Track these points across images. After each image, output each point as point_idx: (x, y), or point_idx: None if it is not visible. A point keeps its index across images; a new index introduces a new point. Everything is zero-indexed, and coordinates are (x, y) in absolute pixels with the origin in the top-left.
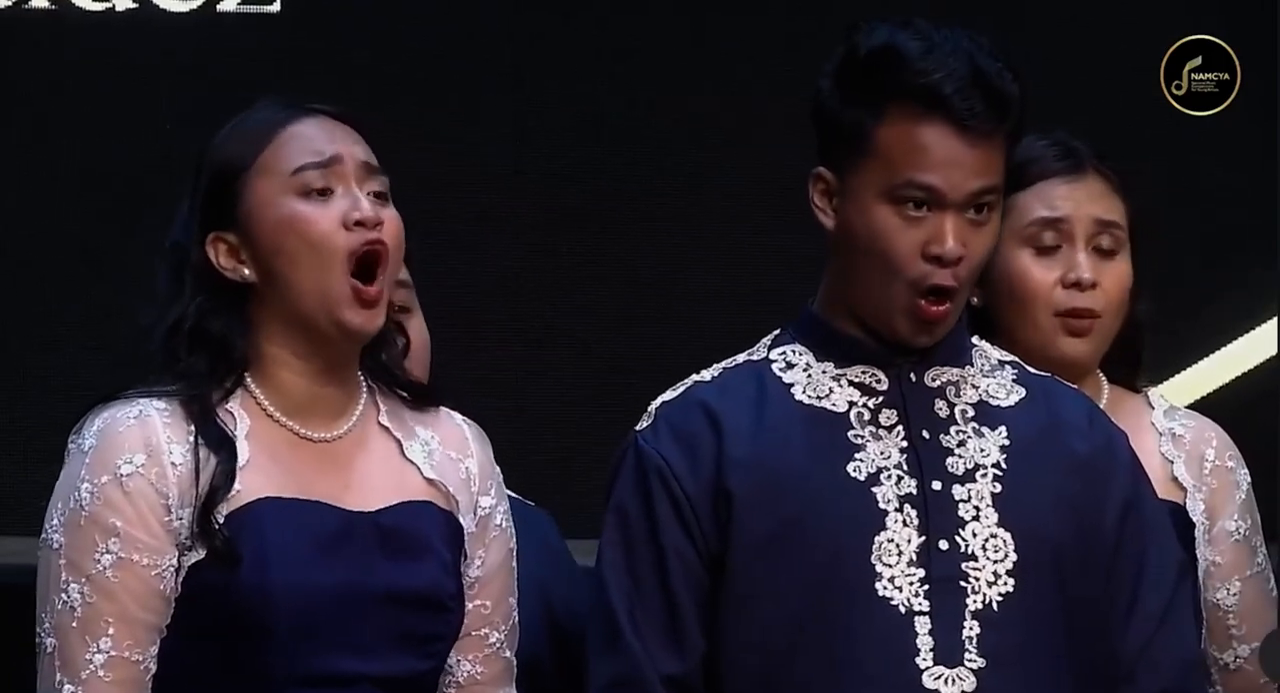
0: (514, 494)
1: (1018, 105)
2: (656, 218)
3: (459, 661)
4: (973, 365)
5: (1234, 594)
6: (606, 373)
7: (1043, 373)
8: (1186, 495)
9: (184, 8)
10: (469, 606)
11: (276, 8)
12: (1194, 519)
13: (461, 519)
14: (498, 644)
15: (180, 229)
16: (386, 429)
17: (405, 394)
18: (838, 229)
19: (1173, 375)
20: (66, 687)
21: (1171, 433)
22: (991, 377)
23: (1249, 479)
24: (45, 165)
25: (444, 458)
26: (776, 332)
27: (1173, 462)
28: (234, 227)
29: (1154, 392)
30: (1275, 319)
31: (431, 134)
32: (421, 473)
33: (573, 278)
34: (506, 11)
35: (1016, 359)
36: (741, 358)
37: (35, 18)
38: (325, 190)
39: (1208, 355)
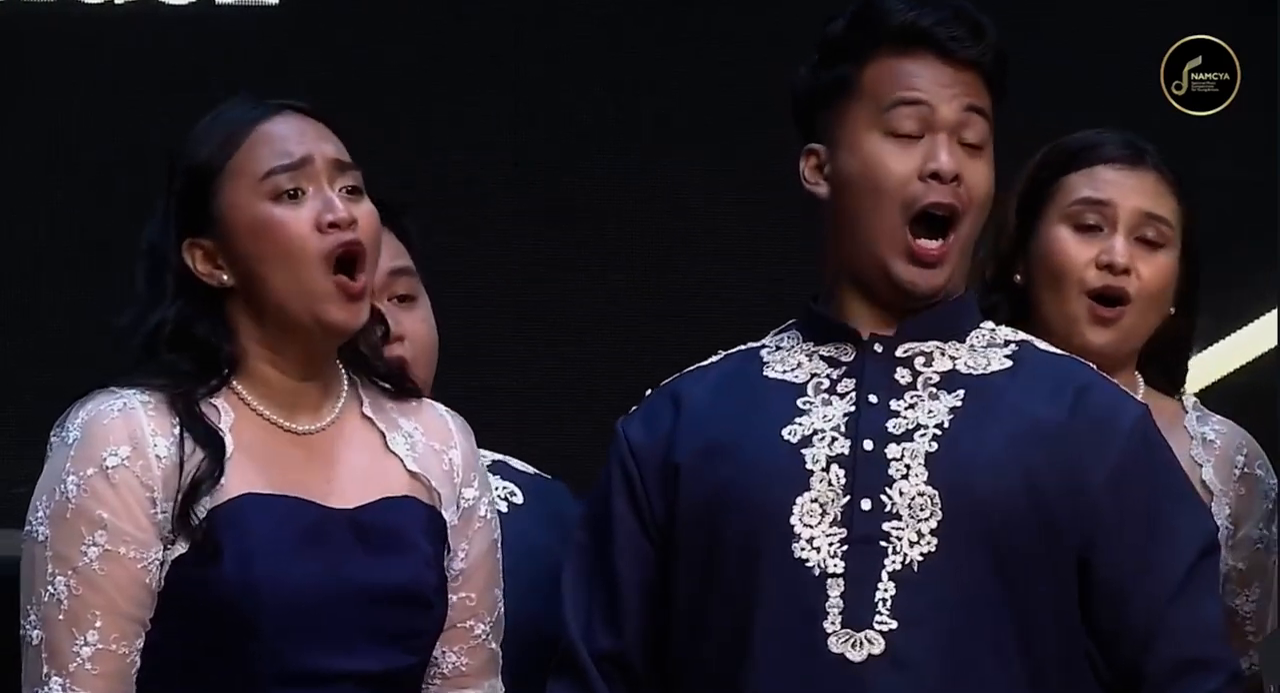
0: (529, 468)
1: (994, 37)
2: (657, 214)
3: (444, 653)
4: (962, 343)
5: (1252, 601)
6: (606, 370)
7: (1058, 352)
8: (1213, 500)
9: (183, 0)
10: (453, 598)
11: (275, 1)
12: (1218, 523)
13: (444, 512)
14: (483, 636)
15: (156, 230)
16: (370, 421)
17: (386, 385)
18: (832, 188)
19: None
20: (54, 679)
21: (1203, 438)
22: (980, 352)
23: (1277, 489)
24: (45, 158)
25: (427, 449)
26: (791, 321)
27: (1201, 466)
28: (209, 232)
29: (1189, 397)
30: (1274, 313)
31: (429, 130)
32: (404, 466)
33: (572, 274)
34: (505, 6)
35: (1032, 340)
36: (745, 346)
37: (36, 11)
38: (296, 192)
39: (1208, 348)
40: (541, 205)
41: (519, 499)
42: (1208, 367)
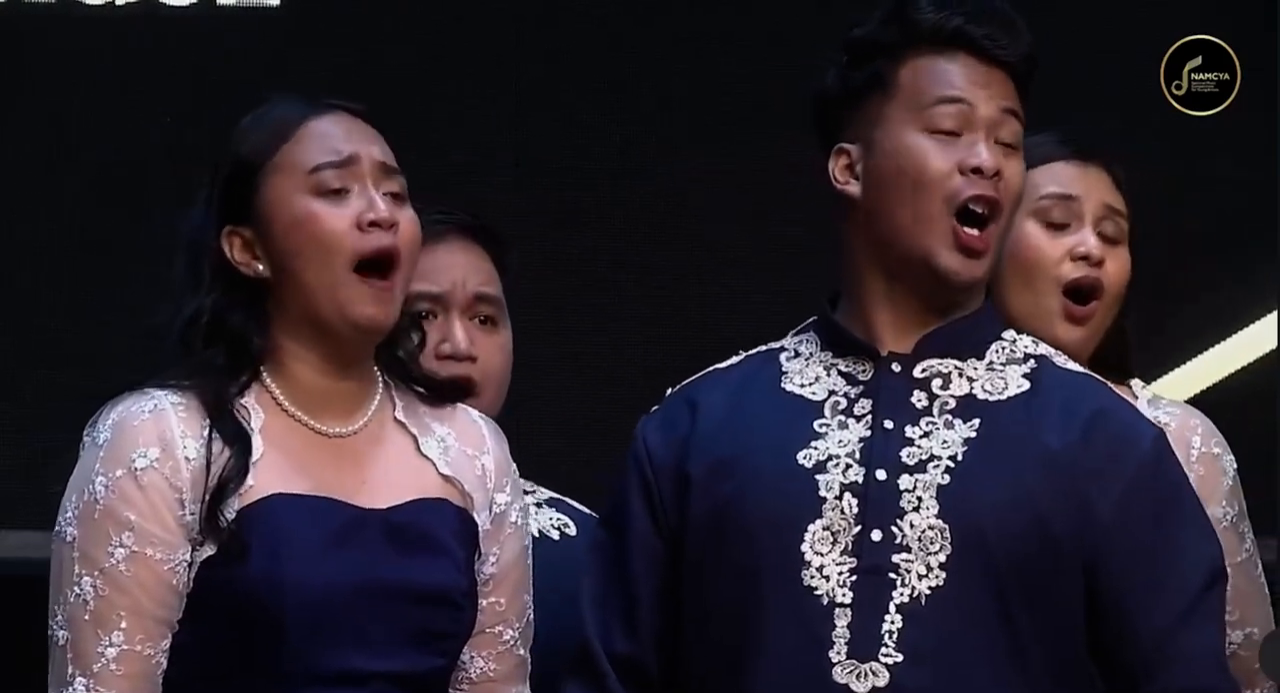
0: (585, 509)
1: (1026, 32)
2: (658, 214)
3: (472, 657)
4: (981, 359)
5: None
6: (607, 371)
7: (1074, 370)
8: None
9: (184, 1)
10: (483, 602)
11: (276, 2)
12: None
13: (476, 516)
14: (511, 641)
15: (197, 221)
16: (402, 425)
17: (421, 390)
18: (866, 187)
19: (1173, 370)
20: (79, 679)
21: (1156, 422)
22: (998, 370)
23: (1235, 466)
24: (47, 158)
25: (460, 454)
26: (810, 319)
27: None
28: (249, 221)
29: (1137, 383)
30: (1275, 314)
31: (429, 130)
32: (437, 469)
33: (573, 275)
34: (506, 7)
35: (1050, 354)
36: (765, 346)
37: (36, 11)
38: (341, 190)
39: (1208, 349)
40: (542, 206)
41: (572, 530)
42: (1208, 368)
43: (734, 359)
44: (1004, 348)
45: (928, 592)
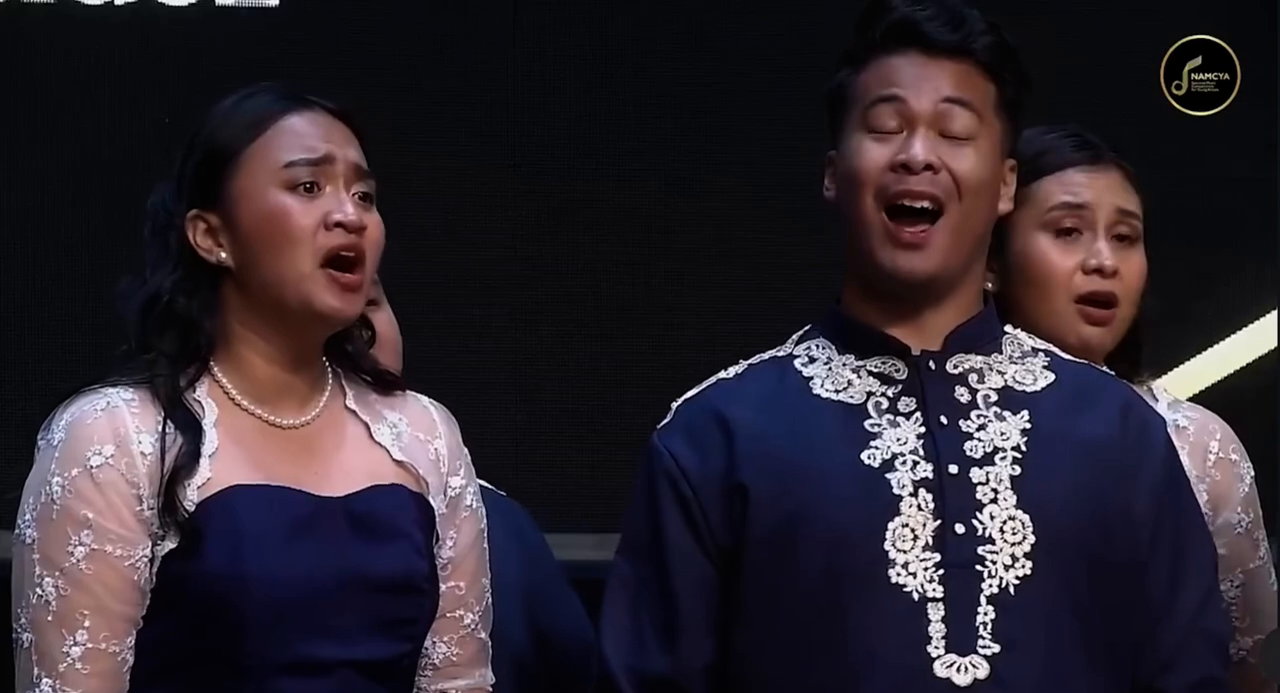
0: (488, 485)
1: (982, 28)
2: (657, 215)
3: (434, 643)
4: (1000, 353)
5: (1236, 586)
6: (606, 373)
7: (1079, 360)
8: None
9: (183, 1)
10: (443, 587)
11: (275, 1)
12: None
13: (432, 501)
14: (472, 625)
15: (167, 194)
16: (354, 413)
17: (370, 380)
18: (835, 191)
19: (1173, 368)
20: (44, 681)
21: (1175, 425)
22: (1020, 364)
23: (1252, 472)
24: (45, 158)
25: (412, 440)
26: (806, 327)
27: None
28: (216, 208)
29: (1157, 384)
30: (1275, 313)
31: (429, 130)
32: (391, 456)
33: (572, 276)
34: (505, 6)
35: (1052, 347)
36: (768, 355)
37: (36, 11)
38: (313, 185)
39: (1208, 348)
40: (542, 206)
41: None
42: (1208, 367)
43: (737, 369)
44: (1013, 342)
45: (1015, 582)
